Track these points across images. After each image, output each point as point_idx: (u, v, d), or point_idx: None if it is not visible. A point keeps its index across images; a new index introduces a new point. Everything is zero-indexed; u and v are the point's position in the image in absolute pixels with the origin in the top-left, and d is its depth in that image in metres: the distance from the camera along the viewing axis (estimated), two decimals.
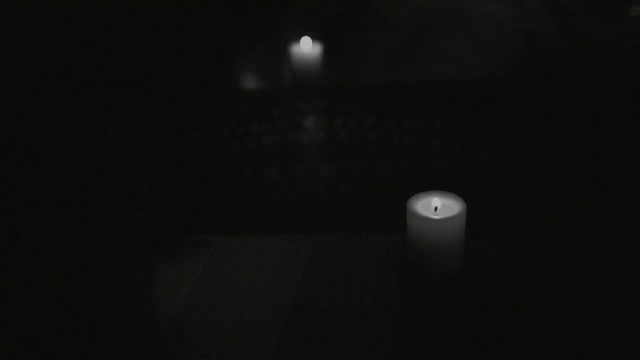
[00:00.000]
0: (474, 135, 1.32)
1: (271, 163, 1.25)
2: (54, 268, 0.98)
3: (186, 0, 2.22)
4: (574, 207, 1.07)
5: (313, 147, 1.32)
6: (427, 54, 1.77)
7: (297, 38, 1.56)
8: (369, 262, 0.95)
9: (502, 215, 1.06)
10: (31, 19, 1.66)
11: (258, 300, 0.89)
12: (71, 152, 1.33)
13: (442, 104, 1.46)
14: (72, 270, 0.97)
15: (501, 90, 1.52)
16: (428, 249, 0.88)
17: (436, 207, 0.90)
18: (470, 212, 0.89)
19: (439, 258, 0.89)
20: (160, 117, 1.47)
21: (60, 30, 1.72)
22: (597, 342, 0.79)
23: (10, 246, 1.03)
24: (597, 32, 1.83)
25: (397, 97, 1.51)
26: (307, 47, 1.54)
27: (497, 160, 1.22)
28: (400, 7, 2.13)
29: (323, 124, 1.40)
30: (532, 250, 0.96)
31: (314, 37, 1.57)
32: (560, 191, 1.11)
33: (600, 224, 1.02)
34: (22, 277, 0.97)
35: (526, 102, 1.45)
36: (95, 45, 1.82)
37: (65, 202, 1.15)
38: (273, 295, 0.90)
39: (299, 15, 2.13)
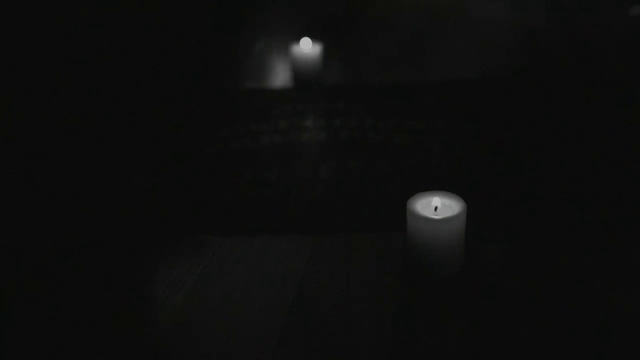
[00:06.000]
0: (474, 135, 1.32)
1: (271, 163, 1.25)
2: (54, 268, 0.98)
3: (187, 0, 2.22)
4: (575, 207, 1.07)
5: (313, 147, 1.32)
6: (427, 54, 1.77)
7: (297, 38, 1.56)
8: (369, 262, 0.95)
9: (502, 215, 1.06)
10: (31, 18, 1.66)
11: (258, 300, 0.89)
12: (73, 152, 1.33)
13: (442, 104, 1.46)
14: (72, 270, 0.97)
15: (501, 90, 1.52)
16: (428, 249, 0.88)
17: (436, 207, 0.90)
18: (470, 212, 0.89)
19: (439, 258, 0.89)
20: (160, 117, 1.47)
21: (60, 30, 1.72)
22: (598, 343, 0.79)
23: (9, 246, 1.03)
24: (597, 32, 1.83)
25: (397, 97, 1.51)
26: (307, 47, 1.54)
27: (497, 160, 1.22)
28: (400, 7, 2.13)
29: (323, 124, 1.40)
30: (532, 250, 0.96)
31: (314, 37, 1.57)
32: (561, 191, 1.11)
33: (602, 224, 1.02)
34: (22, 276, 0.97)
35: (526, 102, 1.45)
36: (96, 46, 1.82)
37: (66, 202, 1.15)
38: (273, 295, 0.90)
39: (298, 15, 2.13)
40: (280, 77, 1.67)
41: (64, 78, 1.64)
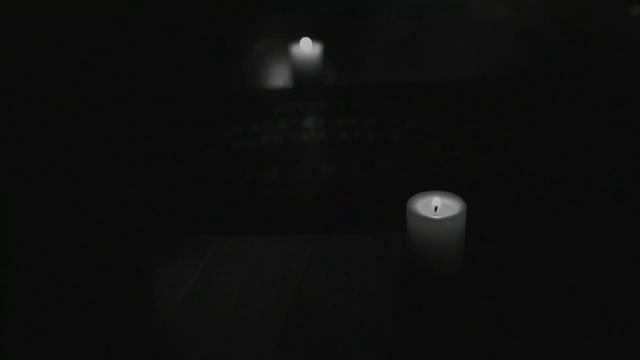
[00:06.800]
0: (474, 135, 1.32)
1: (271, 163, 1.25)
2: (54, 267, 0.98)
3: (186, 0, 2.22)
4: (575, 207, 1.07)
5: (313, 147, 1.32)
6: (426, 54, 1.77)
7: (297, 38, 1.56)
8: (368, 262, 0.95)
9: (502, 215, 1.06)
10: (33, 20, 1.66)
11: (258, 300, 0.89)
12: (72, 152, 1.33)
13: (442, 104, 1.46)
14: (72, 270, 0.97)
15: (501, 90, 1.52)
16: (428, 249, 0.88)
17: (436, 207, 0.90)
18: (470, 212, 0.89)
19: (439, 258, 0.89)
20: (160, 117, 1.47)
21: (60, 30, 1.72)
22: (598, 343, 0.79)
23: (10, 245, 1.03)
24: (598, 32, 1.83)
25: (397, 97, 1.51)
26: (307, 48, 1.54)
27: (497, 160, 1.22)
28: (400, 7, 2.13)
29: (323, 124, 1.40)
30: (532, 250, 0.96)
31: (313, 37, 1.57)
32: (561, 191, 1.11)
33: (602, 224, 1.02)
34: (23, 276, 0.97)
35: (526, 102, 1.45)
36: (96, 45, 1.82)
37: (66, 202, 1.15)
38: (273, 295, 0.90)
39: (298, 15, 2.13)
40: (280, 77, 1.67)
41: (64, 78, 1.64)
